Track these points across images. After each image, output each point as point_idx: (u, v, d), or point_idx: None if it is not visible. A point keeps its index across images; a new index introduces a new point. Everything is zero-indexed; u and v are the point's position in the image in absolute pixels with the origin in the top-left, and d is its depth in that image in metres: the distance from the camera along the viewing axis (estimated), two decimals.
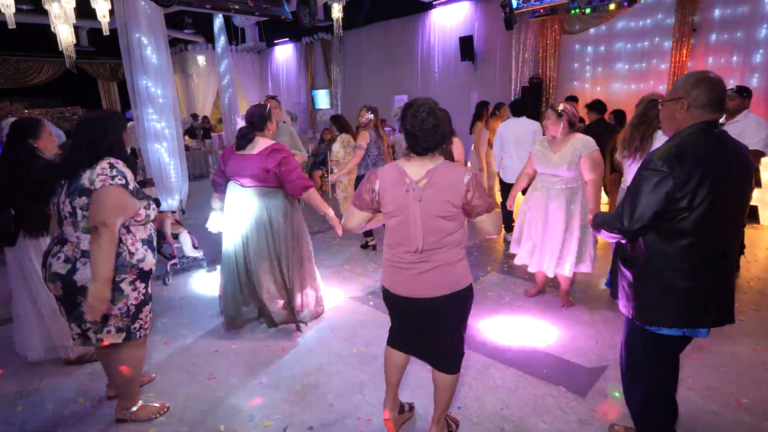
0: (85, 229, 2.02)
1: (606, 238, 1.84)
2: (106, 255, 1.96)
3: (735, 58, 6.06)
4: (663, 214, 1.63)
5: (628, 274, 1.82)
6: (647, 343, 1.83)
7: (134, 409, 2.36)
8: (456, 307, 1.93)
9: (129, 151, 2.25)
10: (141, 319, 2.20)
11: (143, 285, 2.18)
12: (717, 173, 1.59)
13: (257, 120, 3.00)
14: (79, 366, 2.87)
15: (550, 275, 3.46)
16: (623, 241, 1.81)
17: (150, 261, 2.19)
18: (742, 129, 3.69)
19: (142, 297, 2.18)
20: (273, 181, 2.94)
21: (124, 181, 2.03)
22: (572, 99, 6.31)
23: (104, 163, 2.02)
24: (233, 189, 3.02)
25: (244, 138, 2.98)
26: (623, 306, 1.88)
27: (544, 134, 3.41)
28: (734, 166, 1.65)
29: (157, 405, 2.45)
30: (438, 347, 2.01)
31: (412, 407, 2.38)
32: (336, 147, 5.42)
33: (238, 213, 3.00)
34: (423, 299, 1.89)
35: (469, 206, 1.81)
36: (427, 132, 1.78)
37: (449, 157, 3.83)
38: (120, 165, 2.07)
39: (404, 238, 1.85)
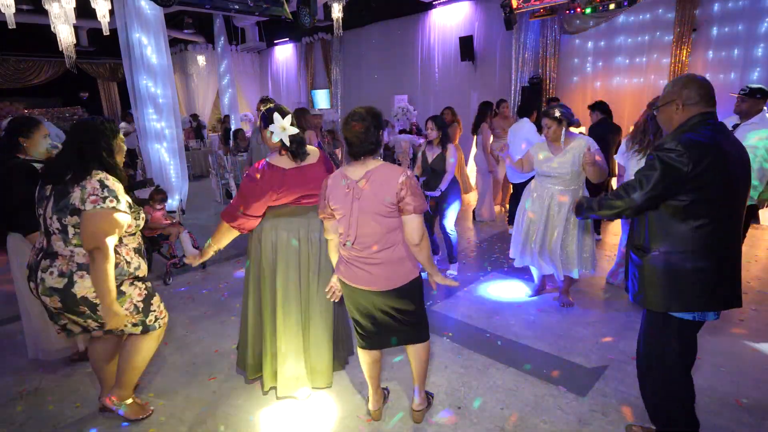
0: (78, 244, 2.01)
1: (595, 217, 1.92)
2: (108, 276, 1.97)
3: (736, 51, 6.03)
4: (674, 189, 1.70)
5: (639, 261, 1.86)
6: (666, 330, 1.86)
7: (128, 401, 2.35)
8: (406, 296, 2.07)
9: (122, 161, 2.18)
10: (154, 311, 2.24)
11: (141, 283, 2.21)
12: (723, 156, 1.69)
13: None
14: (80, 365, 2.87)
15: (559, 278, 3.45)
16: (622, 218, 1.86)
17: (144, 268, 2.23)
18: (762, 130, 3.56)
19: (146, 292, 2.21)
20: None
21: (114, 203, 1.99)
22: (554, 100, 6.31)
23: (95, 182, 1.97)
24: (293, 215, 2.41)
25: (303, 144, 2.38)
26: (637, 297, 1.90)
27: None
28: (736, 151, 1.75)
29: (144, 406, 2.42)
30: (403, 328, 2.13)
31: (388, 392, 2.51)
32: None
33: (294, 241, 2.42)
34: (375, 291, 2.04)
35: (402, 203, 1.93)
36: (358, 137, 1.94)
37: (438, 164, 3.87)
38: (110, 182, 2.00)
39: (346, 234, 2.02)
